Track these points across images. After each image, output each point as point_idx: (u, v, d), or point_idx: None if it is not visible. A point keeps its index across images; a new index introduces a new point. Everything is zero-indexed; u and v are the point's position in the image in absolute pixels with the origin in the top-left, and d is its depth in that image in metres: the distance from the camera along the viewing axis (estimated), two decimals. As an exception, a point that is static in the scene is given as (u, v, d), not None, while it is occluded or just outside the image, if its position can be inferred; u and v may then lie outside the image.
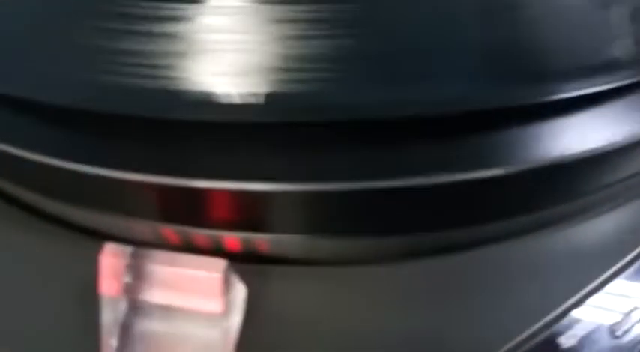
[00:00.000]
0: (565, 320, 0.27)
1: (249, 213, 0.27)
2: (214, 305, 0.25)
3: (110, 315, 0.27)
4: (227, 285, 0.26)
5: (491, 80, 0.23)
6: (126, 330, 0.27)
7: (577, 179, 0.27)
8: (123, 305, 0.27)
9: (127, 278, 0.26)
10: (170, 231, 0.27)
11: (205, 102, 0.23)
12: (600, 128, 0.25)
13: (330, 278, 0.28)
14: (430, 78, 0.23)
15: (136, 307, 0.27)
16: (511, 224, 0.28)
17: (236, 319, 0.27)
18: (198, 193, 0.26)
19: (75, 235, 0.29)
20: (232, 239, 0.27)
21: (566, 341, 0.27)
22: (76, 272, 0.27)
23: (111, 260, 0.26)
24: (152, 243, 0.28)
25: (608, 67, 0.24)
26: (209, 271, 0.25)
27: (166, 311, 0.27)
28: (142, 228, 0.28)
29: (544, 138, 0.25)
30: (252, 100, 0.23)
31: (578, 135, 0.25)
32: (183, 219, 0.27)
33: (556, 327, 0.27)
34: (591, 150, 0.25)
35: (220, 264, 0.25)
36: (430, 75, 0.23)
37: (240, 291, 0.27)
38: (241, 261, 0.27)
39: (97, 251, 0.26)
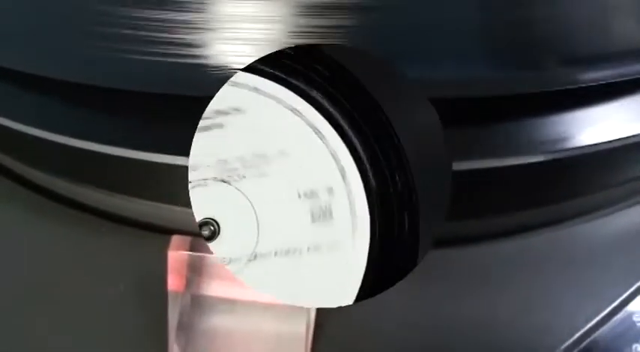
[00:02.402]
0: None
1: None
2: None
3: (177, 312, 0.24)
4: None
5: (496, 65, 0.22)
6: (194, 327, 0.25)
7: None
8: (190, 301, 0.24)
9: (196, 273, 0.24)
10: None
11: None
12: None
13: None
14: (426, 58, 0.22)
15: (204, 302, 0.25)
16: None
17: (314, 311, 0.25)
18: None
19: (138, 232, 0.26)
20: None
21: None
22: (142, 268, 0.25)
23: (178, 254, 0.24)
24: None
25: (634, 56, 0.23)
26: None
27: (237, 305, 0.25)
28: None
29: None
30: None
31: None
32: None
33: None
34: None
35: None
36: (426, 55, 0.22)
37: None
38: None
39: (161, 245, 0.24)
